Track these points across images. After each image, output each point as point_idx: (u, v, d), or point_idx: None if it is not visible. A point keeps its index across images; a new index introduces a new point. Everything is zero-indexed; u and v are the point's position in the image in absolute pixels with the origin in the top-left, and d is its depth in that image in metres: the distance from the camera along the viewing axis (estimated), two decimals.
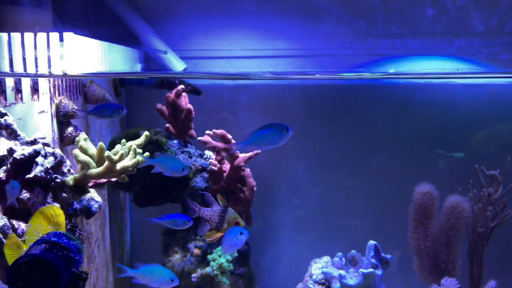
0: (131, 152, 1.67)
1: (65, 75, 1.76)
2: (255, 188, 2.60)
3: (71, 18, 2.95)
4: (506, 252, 2.80)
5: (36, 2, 2.16)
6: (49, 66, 2.00)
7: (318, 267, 2.53)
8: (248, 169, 2.61)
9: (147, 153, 1.72)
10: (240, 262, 2.57)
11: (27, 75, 1.74)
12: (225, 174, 2.58)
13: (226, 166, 2.59)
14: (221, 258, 2.41)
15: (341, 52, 3.23)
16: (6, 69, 1.96)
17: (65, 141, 1.89)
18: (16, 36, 1.91)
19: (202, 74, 2.34)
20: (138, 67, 3.04)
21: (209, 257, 2.43)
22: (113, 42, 3.04)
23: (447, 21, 3.11)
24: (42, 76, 1.76)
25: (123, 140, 1.70)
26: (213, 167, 2.56)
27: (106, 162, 1.62)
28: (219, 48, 3.19)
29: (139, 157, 1.69)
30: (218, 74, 1.57)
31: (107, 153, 1.60)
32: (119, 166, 1.63)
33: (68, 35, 2.00)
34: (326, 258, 2.58)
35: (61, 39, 2.01)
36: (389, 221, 2.89)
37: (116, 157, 1.62)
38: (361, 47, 3.19)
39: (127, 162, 1.65)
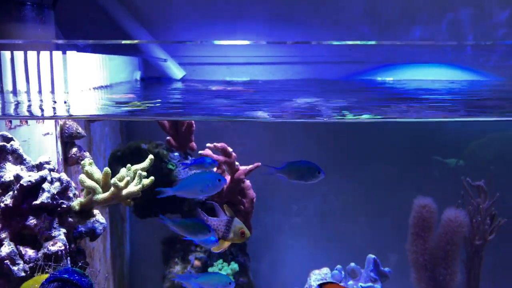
0: (136, 178, 1.69)
1: (70, 116, 1.76)
2: (254, 200, 2.63)
3: (73, 29, 2.94)
4: (501, 263, 2.84)
5: (39, 19, 2.16)
6: (52, 83, 2.01)
7: (317, 278, 2.56)
8: (248, 181, 2.63)
9: (151, 178, 1.73)
10: (240, 273, 2.60)
11: (31, 118, 1.74)
12: (225, 186, 2.59)
13: (227, 177, 2.61)
14: (221, 272, 2.43)
15: (340, 59, 3.24)
16: (9, 87, 1.96)
17: (69, 162, 1.90)
18: (19, 54, 1.91)
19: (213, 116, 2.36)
20: (137, 75, 3.04)
21: (210, 270, 2.46)
22: (113, 50, 3.04)
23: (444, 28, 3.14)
24: (47, 118, 1.75)
25: (129, 165, 1.71)
26: None
27: (112, 188, 1.64)
28: (217, 54, 3.20)
29: (144, 182, 1.70)
30: (224, 116, 1.60)
31: (113, 180, 1.62)
32: (124, 192, 1.65)
33: (70, 54, 2.00)
34: (325, 270, 2.60)
35: (64, 52, 2.02)
36: (388, 228, 2.93)
37: (122, 184, 1.63)
38: (360, 55, 3.21)
39: (133, 188, 1.66)
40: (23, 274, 1.54)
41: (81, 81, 2.08)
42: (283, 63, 3.25)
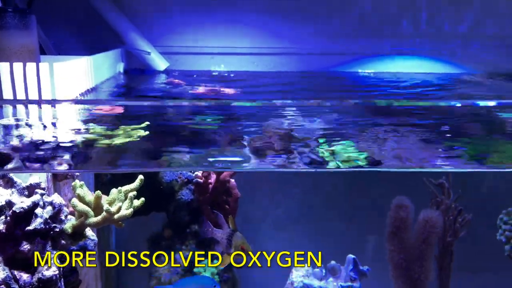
0: (127, 200, 1.72)
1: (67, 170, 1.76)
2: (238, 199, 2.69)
3: (52, 23, 2.88)
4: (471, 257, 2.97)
5: (22, 25, 2.11)
6: (40, 95, 2.00)
7: (299, 275, 2.66)
8: (233, 181, 2.68)
9: (142, 199, 1.77)
10: (224, 269, 2.69)
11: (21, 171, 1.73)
12: (210, 186, 2.64)
13: (212, 177, 2.66)
14: (205, 272, 2.51)
15: (322, 50, 3.27)
16: None
17: (58, 177, 1.92)
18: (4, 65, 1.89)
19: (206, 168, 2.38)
20: (120, 67, 3.02)
21: (196, 270, 2.53)
22: (96, 42, 3.00)
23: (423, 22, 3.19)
24: (38, 171, 1.74)
25: (120, 188, 1.74)
26: (199, 180, 2.62)
27: (104, 213, 1.67)
28: (201, 44, 3.19)
29: (135, 204, 1.74)
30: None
31: (106, 206, 1.65)
32: (116, 216, 1.69)
33: (57, 64, 1.98)
34: (306, 266, 2.71)
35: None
36: (367, 226, 3.04)
37: (114, 210, 1.67)
38: (335, 47, 3.24)
39: (124, 212, 1.70)
40: None
41: (69, 90, 2.07)
42: (265, 54, 3.26)
